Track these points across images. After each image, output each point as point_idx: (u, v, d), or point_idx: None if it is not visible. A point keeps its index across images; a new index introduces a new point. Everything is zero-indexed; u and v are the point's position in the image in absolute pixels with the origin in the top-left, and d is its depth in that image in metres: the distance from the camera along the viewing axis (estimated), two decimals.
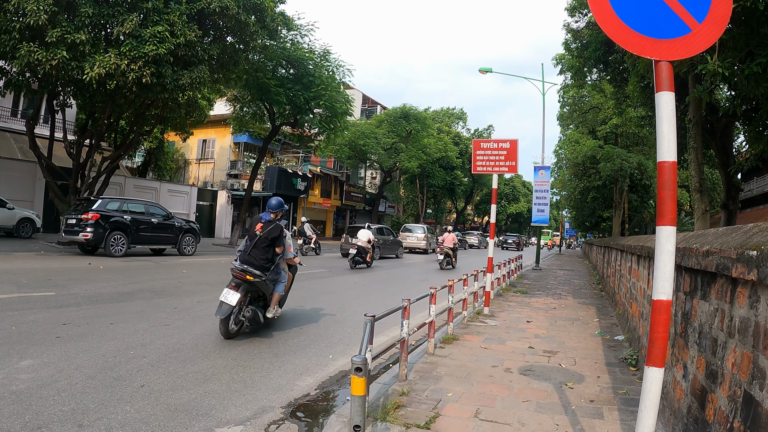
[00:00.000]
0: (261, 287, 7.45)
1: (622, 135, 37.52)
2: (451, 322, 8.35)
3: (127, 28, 16.30)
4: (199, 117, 27.42)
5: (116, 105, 20.81)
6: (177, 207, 32.67)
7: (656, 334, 2.77)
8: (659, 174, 2.84)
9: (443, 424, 4.45)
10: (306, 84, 28.08)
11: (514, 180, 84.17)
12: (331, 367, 6.40)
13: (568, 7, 18.30)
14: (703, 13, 2.87)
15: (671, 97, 2.84)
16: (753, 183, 35.58)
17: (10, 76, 18.54)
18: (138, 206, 19.40)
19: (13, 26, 15.64)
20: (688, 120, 12.74)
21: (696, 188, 12.74)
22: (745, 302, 2.70)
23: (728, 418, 2.74)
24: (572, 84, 23.96)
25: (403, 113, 47.79)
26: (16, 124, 26.75)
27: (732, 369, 2.80)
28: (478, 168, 11.72)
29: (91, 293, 9.93)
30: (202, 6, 17.65)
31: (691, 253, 3.65)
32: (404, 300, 5.81)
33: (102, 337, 6.77)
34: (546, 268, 27.55)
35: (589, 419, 4.69)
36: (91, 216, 17.20)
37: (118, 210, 18.32)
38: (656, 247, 2.81)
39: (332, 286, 14.08)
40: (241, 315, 7.31)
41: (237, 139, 42.15)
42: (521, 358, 6.99)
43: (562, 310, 11.74)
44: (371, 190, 58.44)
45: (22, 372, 5.17)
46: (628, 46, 3.01)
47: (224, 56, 20.12)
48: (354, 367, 3.71)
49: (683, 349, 3.99)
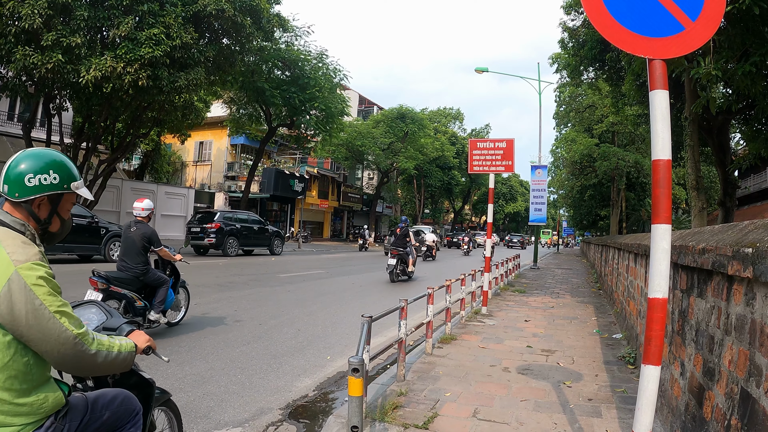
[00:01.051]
0: (404, 257, 16.61)
1: (618, 133, 37.59)
2: (449, 321, 8.35)
3: (123, 31, 16.28)
4: (195, 119, 27.37)
5: (113, 108, 20.77)
6: (175, 209, 32.59)
7: (652, 332, 2.77)
8: (654, 172, 2.84)
9: (441, 424, 4.45)
10: (302, 85, 28.12)
11: (511, 179, 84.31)
12: (329, 368, 6.40)
13: (564, 5, 18.29)
14: (696, 12, 2.87)
15: (665, 96, 2.84)
16: (750, 180, 35.62)
17: (5, 80, 18.48)
18: (243, 216, 24.55)
19: (9, 30, 15.60)
20: (684, 118, 12.75)
21: (693, 186, 12.74)
22: (742, 299, 2.71)
23: (725, 416, 2.75)
24: (569, 82, 23.98)
25: (399, 114, 47.81)
26: (13, 128, 26.68)
27: (729, 366, 2.81)
28: (474, 168, 11.73)
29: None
30: (197, 8, 17.63)
31: (688, 250, 3.65)
32: (401, 300, 5.80)
33: None
34: (544, 267, 27.56)
35: (588, 418, 4.69)
36: (214, 225, 22.23)
37: (231, 219, 23.44)
38: (651, 245, 2.81)
39: (330, 287, 14.07)
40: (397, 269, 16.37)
41: (234, 141, 42.17)
42: (519, 357, 6.99)
43: (560, 309, 11.75)
44: (368, 190, 58.46)
45: None
46: (621, 44, 3.01)
47: (220, 58, 20.10)
48: (351, 368, 3.72)
49: (680, 346, 4.00)
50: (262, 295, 11.80)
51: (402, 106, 48.33)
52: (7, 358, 1.83)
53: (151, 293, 7.33)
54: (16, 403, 1.85)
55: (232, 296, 11.36)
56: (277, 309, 10.17)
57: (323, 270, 18.79)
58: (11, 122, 27.21)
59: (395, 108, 48.74)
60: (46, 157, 2.11)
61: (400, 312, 5.73)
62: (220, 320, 8.69)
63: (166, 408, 2.97)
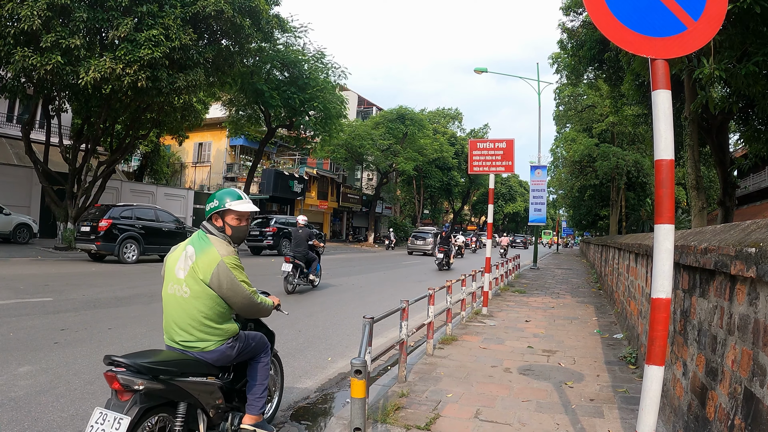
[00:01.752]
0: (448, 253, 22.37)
1: (618, 133, 37.58)
2: (449, 322, 8.35)
3: (122, 32, 16.26)
4: (194, 121, 27.35)
5: (112, 109, 20.75)
6: (174, 211, 32.48)
7: (656, 333, 2.76)
8: (657, 172, 2.83)
9: (443, 425, 4.45)
10: (301, 86, 28.08)
11: (510, 179, 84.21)
12: (330, 370, 6.40)
13: (563, 7, 18.34)
14: (698, 11, 2.86)
15: (668, 95, 2.84)
16: (749, 180, 35.61)
17: (5, 82, 18.49)
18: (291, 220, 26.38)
19: (8, 31, 15.60)
20: (684, 117, 12.75)
21: (693, 186, 12.74)
22: (745, 299, 2.70)
23: (729, 415, 2.74)
24: (568, 83, 23.99)
25: (398, 114, 47.76)
26: (12, 129, 26.69)
27: (732, 366, 2.80)
28: (474, 168, 11.73)
29: (89, 298, 9.92)
30: (196, 9, 17.59)
31: (690, 250, 3.65)
32: (402, 301, 5.80)
33: (100, 342, 6.76)
34: (544, 267, 27.57)
35: (590, 418, 4.69)
36: (271, 229, 26.06)
37: (285, 224, 26.59)
38: (655, 245, 2.81)
39: (331, 288, 14.06)
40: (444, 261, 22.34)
41: (233, 142, 42.13)
42: (520, 357, 6.99)
43: (561, 309, 11.75)
44: (368, 191, 58.40)
45: (20, 378, 5.15)
46: (624, 44, 3.00)
47: (219, 59, 20.08)
48: (353, 369, 3.71)
49: (682, 347, 3.99)
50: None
51: (401, 107, 48.28)
52: (215, 304, 3.38)
53: (308, 265, 12.99)
54: (216, 328, 3.42)
55: None
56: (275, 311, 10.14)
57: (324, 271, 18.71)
58: (10, 124, 27.22)
59: (394, 109, 48.69)
60: (217, 192, 3.64)
61: (401, 313, 5.73)
62: None
63: (274, 358, 4.43)
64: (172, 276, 3.47)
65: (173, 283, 3.45)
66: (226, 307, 3.47)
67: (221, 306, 3.42)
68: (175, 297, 3.42)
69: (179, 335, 3.40)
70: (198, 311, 3.36)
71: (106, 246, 16.78)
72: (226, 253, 3.40)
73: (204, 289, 3.35)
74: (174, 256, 3.53)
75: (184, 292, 3.38)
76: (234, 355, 3.54)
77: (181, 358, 3.32)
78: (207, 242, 3.46)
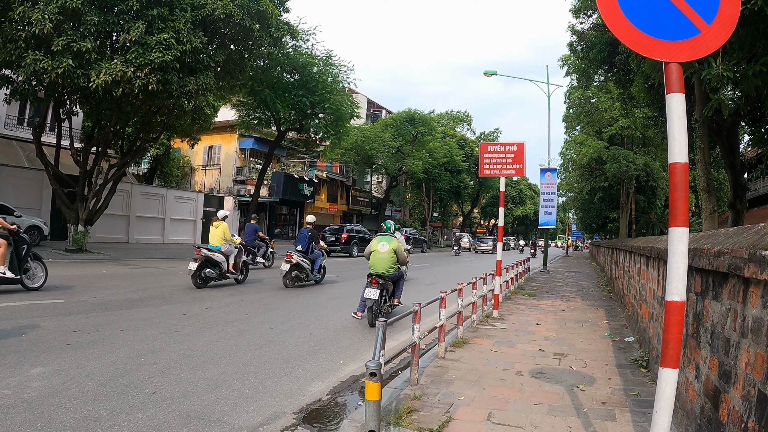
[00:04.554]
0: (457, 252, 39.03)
1: (628, 137, 37.41)
2: (460, 325, 8.36)
3: (133, 36, 16.35)
4: (204, 124, 27.46)
5: (122, 112, 20.86)
6: (184, 214, 32.71)
7: (670, 335, 2.77)
8: (671, 175, 2.84)
9: (456, 428, 4.45)
10: (310, 89, 28.15)
11: (520, 182, 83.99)
12: (342, 372, 6.41)
13: (573, 9, 18.29)
14: (711, 15, 2.87)
15: (682, 99, 2.85)
16: (759, 182, 35.35)
17: (16, 85, 18.62)
18: (358, 227, 34.52)
19: (19, 35, 15.73)
20: (694, 120, 12.70)
21: (703, 188, 12.68)
22: (758, 302, 2.70)
23: (742, 418, 2.74)
24: (579, 85, 23.93)
25: (408, 117, 47.84)
26: (23, 133, 26.89)
27: (746, 369, 2.80)
28: (485, 171, 11.72)
29: (101, 300, 9.98)
30: (206, 13, 17.65)
31: (702, 253, 3.64)
32: (415, 304, 5.81)
33: (112, 344, 6.81)
34: (553, 270, 27.50)
35: (602, 421, 4.68)
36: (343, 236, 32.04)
37: (353, 231, 33.46)
38: (669, 248, 2.81)
39: (341, 291, 14.09)
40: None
41: (243, 145, 42.26)
42: (532, 360, 6.99)
43: (571, 312, 11.73)
44: (377, 194, 58.49)
45: (33, 380, 5.20)
46: (637, 47, 3.01)
47: (229, 63, 20.13)
48: (368, 372, 3.73)
49: (695, 349, 3.99)
50: (275, 299, 11.84)
51: (410, 110, 48.42)
52: (395, 260, 9.63)
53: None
54: (394, 267, 9.67)
55: (244, 300, 11.41)
56: (287, 313, 10.20)
57: (334, 274, 18.77)
58: (21, 127, 27.42)
59: (404, 111, 48.80)
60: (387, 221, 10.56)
61: (414, 316, 5.74)
62: (232, 324, 8.73)
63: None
64: (376, 247, 9.60)
65: (377, 252, 9.57)
66: (397, 261, 9.67)
67: (396, 261, 9.62)
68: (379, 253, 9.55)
69: (382, 269, 9.41)
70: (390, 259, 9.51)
71: None
72: (400, 239, 8.93)
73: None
74: (375, 241, 9.72)
75: (383, 253, 9.51)
76: (398, 276, 9.79)
77: (387, 275, 9.46)
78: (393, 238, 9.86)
